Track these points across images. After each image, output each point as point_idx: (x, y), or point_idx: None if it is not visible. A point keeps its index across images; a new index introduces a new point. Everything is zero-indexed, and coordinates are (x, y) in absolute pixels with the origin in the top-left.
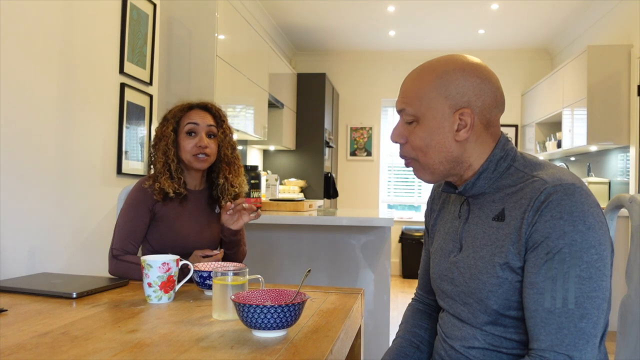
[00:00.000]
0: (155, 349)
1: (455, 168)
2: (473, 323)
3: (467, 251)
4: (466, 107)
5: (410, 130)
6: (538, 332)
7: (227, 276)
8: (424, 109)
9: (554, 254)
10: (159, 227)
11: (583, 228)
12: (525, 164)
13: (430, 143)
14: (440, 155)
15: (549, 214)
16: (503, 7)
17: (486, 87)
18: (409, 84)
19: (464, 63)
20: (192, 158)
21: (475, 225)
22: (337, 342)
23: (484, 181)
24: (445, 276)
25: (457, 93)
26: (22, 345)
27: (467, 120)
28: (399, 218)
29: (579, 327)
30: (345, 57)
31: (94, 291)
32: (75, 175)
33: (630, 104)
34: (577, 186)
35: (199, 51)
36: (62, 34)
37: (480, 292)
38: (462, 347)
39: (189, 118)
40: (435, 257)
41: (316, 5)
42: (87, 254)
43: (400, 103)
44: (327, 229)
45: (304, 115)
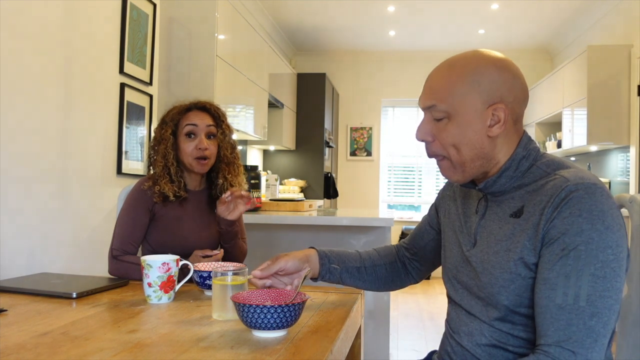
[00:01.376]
0: (155, 349)
1: (484, 165)
2: (482, 317)
3: (481, 246)
4: (499, 102)
5: (441, 128)
6: (546, 328)
7: (227, 276)
8: (457, 105)
9: (570, 251)
10: (159, 228)
11: (601, 227)
12: (549, 164)
13: (462, 140)
14: (473, 151)
15: (568, 211)
16: (503, 7)
17: (517, 82)
18: (438, 80)
19: (495, 58)
20: (193, 161)
21: (491, 222)
22: (337, 342)
23: (505, 179)
24: (461, 268)
25: (491, 88)
26: (22, 345)
27: (500, 115)
28: (399, 218)
29: (588, 325)
30: (345, 57)
31: (94, 291)
32: (75, 175)
33: (630, 104)
34: (599, 186)
35: (199, 51)
36: (62, 34)
37: (492, 286)
38: (468, 344)
39: (188, 119)
40: (449, 248)
41: (316, 5)
42: (87, 254)
43: (428, 99)
44: (327, 229)
45: (304, 115)
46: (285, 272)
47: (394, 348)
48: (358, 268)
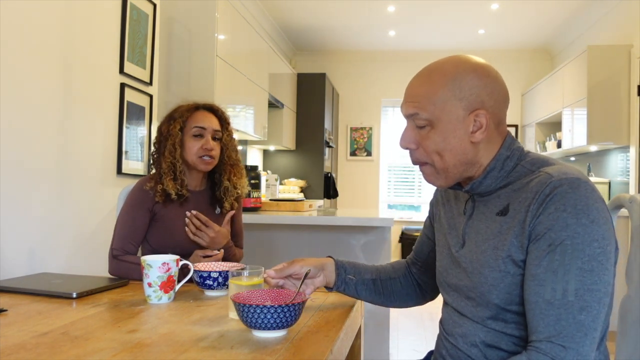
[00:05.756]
0: (155, 349)
1: (467, 170)
2: (475, 318)
3: (469, 246)
4: (481, 107)
5: (423, 135)
6: (537, 324)
7: (243, 276)
8: (439, 113)
9: (556, 246)
10: (159, 228)
11: (586, 221)
12: (533, 162)
13: (446, 147)
14: (456, 158)
15: (553, 207)
16: (503, 7)
17: (497, 86)
18: (419, 87)
19: (474, 63)
20: (198, 160)
21: (479, 221)
22: (337, 342)
23: (490, 180)
24: (450, 270)
25: (471, 94)
26: (22, 345)
27: (482, 121)
28: (399, 218)
29: (577, 319)
30: (345, 57)
31: (94, 291)
32: (75, 175)
33: (630, 104)
34: (583, 180)
35: (199, 51)
36: (62, 34)
37: (482, 285)
38: (463, 345)
39: (196, 120)
40: (439, 252)
41: (316, 5)
42: (87, 254)
43: (410, 107)
44: (327, 229)
45: (304, 115)
46: (299, 276)
47: (394, 348)
48: (374, 280)
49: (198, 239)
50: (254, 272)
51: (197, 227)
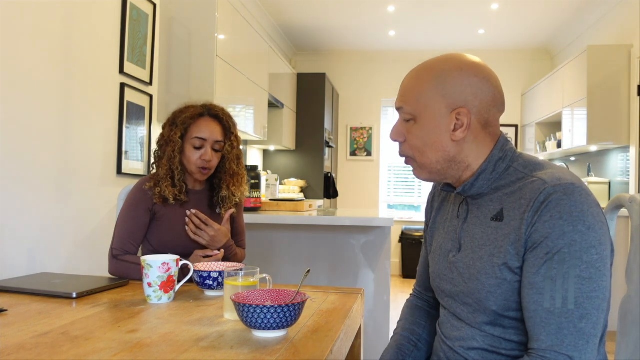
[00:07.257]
0: (155, 349)
1: (452, 168)
2: (472, 323)
3: (466, 251)
4: (463, 106)
5: (408, 129)
6: (538, 333)
7: (238, 277)
8: (421, 108)
9: (554, 254)
10: (159, 227)
11: (583, 228)
12: (525, 165)
13: (427, 142)
14: (437, 154)
15: (548, 214)
16: (503, 7)
17: (484, 87)
18: (408, 83)
19: (462, 62)
20: (195, 169)
21: (474, 226)
22: (337, 342)
23: (482, 182)
24: (444, 276)
25: (455, 92)
26: (22, 345)
27: (463, 120)
28: (399, 218)
29: (578, 328)
30: (345, 57)
31: (94, 291)
32: (75, 175)
33: (630, 104)
34: (577, 186)
35: (199, 51)
36: (62, 34)
37: (479, 292)
38: (461, 349)
39: (198, 130)
40: (435, 256)
41: (316, 5)
42: (87, 254)
43: (398, 101)
44: (327, 229)
45: (304, 115)
46: None
47: None
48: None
49: (198, 238)
50: (249, 273)
51: (197, 226)
